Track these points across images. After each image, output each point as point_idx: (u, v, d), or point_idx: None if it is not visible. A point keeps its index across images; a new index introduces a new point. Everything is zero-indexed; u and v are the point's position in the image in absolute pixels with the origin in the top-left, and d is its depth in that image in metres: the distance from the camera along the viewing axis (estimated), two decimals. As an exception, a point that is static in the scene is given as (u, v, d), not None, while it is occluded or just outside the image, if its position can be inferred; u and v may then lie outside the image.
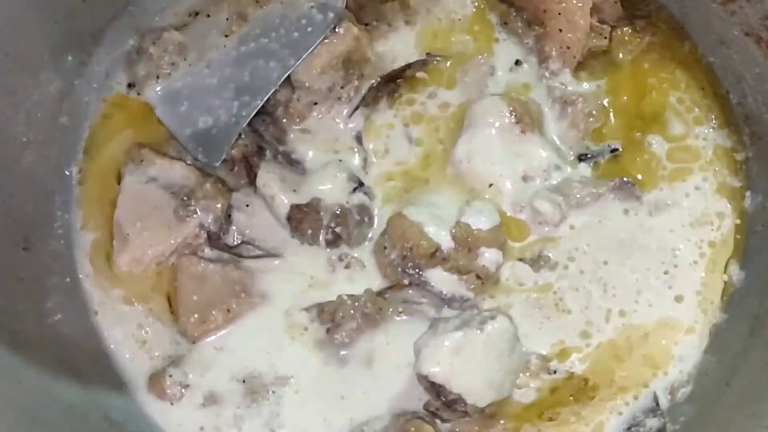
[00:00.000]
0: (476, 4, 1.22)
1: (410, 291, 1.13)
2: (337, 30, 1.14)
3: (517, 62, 1.20)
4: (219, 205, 1.12)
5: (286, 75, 1.14)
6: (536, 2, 1.17)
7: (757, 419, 1.02)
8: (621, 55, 1.20)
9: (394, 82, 1.19)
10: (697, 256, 1.15)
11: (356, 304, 1.11)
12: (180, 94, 1.15)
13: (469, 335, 1.03)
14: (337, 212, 1.13)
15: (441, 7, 1.21)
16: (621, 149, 1.17)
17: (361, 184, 1.15)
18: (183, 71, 1.15)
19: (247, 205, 1.16)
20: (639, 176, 1.17)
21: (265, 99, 1.14)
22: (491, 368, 1.03)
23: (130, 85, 1.19)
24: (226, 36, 1.16)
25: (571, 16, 1.16)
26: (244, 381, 1.12)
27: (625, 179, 1.15)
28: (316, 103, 1.17)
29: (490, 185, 1.14)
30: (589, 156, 1.17)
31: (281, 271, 1.14)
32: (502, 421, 1.10)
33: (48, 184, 1.14)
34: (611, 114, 1.19)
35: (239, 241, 1.14)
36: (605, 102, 1.19)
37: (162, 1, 1.22)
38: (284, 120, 1.17)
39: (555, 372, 1.12)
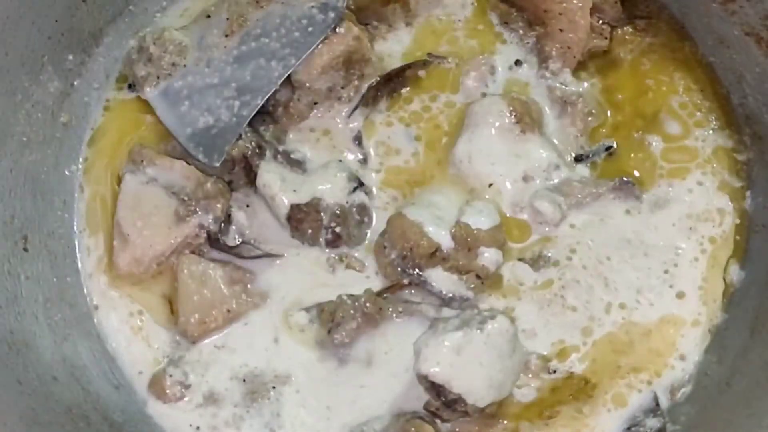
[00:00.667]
0: (476, 4, 1.22)
1: (410, 291, 1.13)
2: (337, 30, 1.13)
3: (517, 62, 1.20)
4: (219, 205, 1.12)
5: (286, 75, 1.14)
6: (537, 2, 1.17)
7: (757, 419, 1.02)
8: (621, 55, 1.20)
9: (394, 82, 1.19)
10: (698, 253, 1.15)
11: (356, 304, 1.11)
12: (180, 93, 1.15)
13: (469, 335, 1.03)
14: (337, 212, 1.12)
15: (441, 8, 1.21)
16: (615, 146, 1.17)
17: (361, 184, 1.15)
18: (183, 71, 1.15)
19: (247, 205, 1.15)
20: (637, 174, 1.17)
21: (266, 98, 1.14)
22: (491, 368, 1.03)
23: (130, 86, 1.19)
24: (227, 36, 1.15)
25: (571, 16, 1.16)
26: (244, 380, 1.12)
27: (625, 179, 1.16)
28: (316, 103, 1.17)
29: (490, 185, 1.14)
30: (585, 156, 1.17)
31: (281, 272, 1.14)
32: (502, 421, 1.10)
33: (48, 184, 1.14)
34: (611, 114, 1.19)
35: (239, 241, 1.14)
36: (605, 102, 1.19)
37: (162, 1, 1.22)
38: (284, 120, 1.17)
39: (555, 372, 1.12)
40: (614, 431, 1.11)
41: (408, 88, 1.20)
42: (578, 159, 1.17)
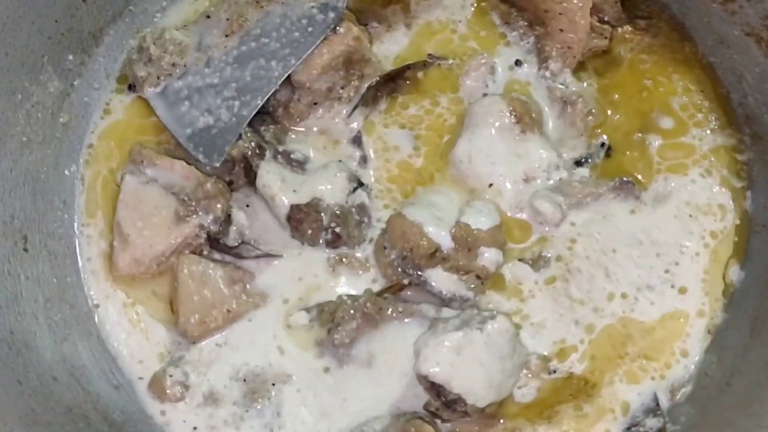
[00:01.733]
0: (476, 4, 1.22)
1: (410, 291, 1.13)
2: (337, 30, 1.14)
3: (517, 62, 1.20)
4: (219, 205, 1.12)
5: (286, 75, 1.14)
6: (537, 2, 1.17)
7: (757, 419, 1.02)
8: (621, 53, 1.20)
9: (393, 82, 1.19)
10: (700, 248, 1.15)
11: (356, 304, 1.10)
12: (180, 94, 1.15)
13: (469, 335, 1.03)
14: (337, 212, 1.12)
15: (441, 8, 1.22)
16: (606, 140, 1.17)
17: (361, 184, 1.15)
18: (183, 71, 1.15)
19: (247, 205, 1.16)
20: (639, 176, 1.17)
21: (266, 99, 1.14)
22: (491, 368, 1.03)
23: (130, 86, 1.20)
24: (227, 36, 1.16)
25: (571, 16, 1.16)
26: (244, 380, 1.12)
27: (624, 179, 1.16)
28: (316, 103, 1.17)
29: (490, 185, 1.14)
30: (584, 159, 1.17)
31: (281, 272, 1.14)
32: (502, 421, 1.10)
33: (48, 184, 1.14)
34: (611, 114, 1.19)
35: (239, 242, 1.14)
36: (605, 102, 1.19)
37: (162, 1, 1.22)
38: (284, 120, 1.17)
39: (555, 372, 1.12)
40: (631, 401, 1.11)
41: (408, 89, 1.20)
42: (578, 163, 1.17)
